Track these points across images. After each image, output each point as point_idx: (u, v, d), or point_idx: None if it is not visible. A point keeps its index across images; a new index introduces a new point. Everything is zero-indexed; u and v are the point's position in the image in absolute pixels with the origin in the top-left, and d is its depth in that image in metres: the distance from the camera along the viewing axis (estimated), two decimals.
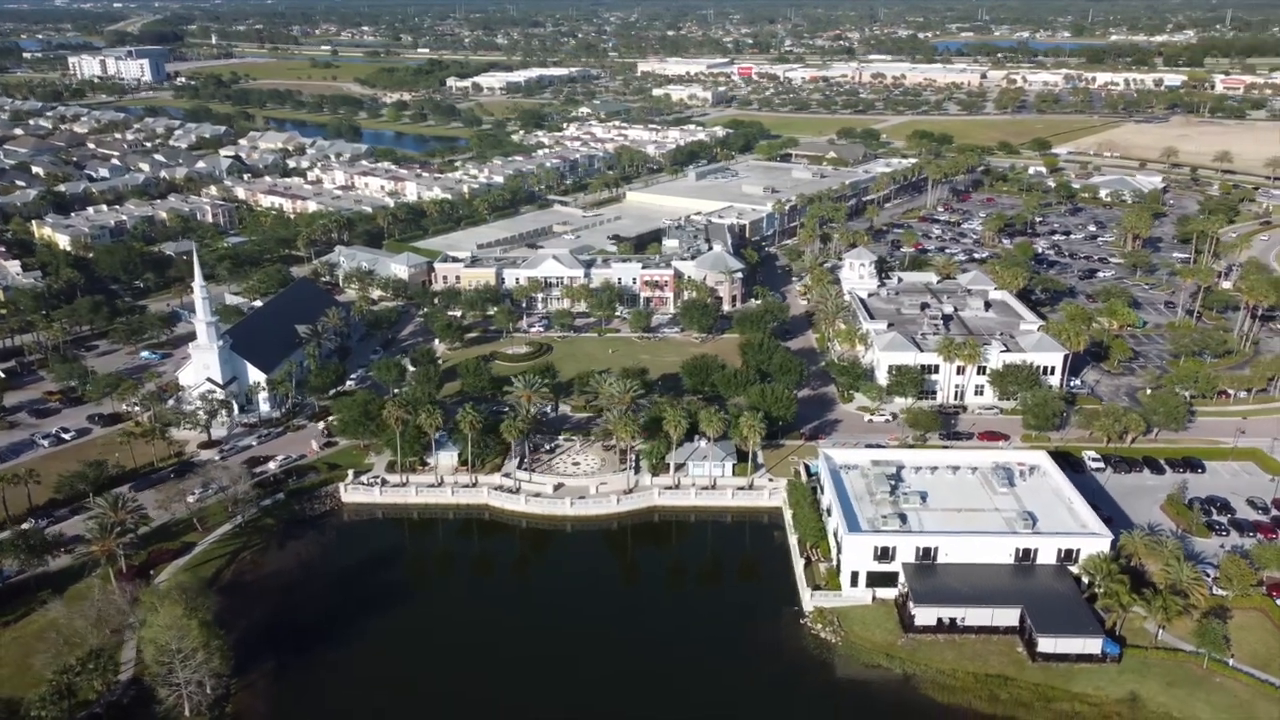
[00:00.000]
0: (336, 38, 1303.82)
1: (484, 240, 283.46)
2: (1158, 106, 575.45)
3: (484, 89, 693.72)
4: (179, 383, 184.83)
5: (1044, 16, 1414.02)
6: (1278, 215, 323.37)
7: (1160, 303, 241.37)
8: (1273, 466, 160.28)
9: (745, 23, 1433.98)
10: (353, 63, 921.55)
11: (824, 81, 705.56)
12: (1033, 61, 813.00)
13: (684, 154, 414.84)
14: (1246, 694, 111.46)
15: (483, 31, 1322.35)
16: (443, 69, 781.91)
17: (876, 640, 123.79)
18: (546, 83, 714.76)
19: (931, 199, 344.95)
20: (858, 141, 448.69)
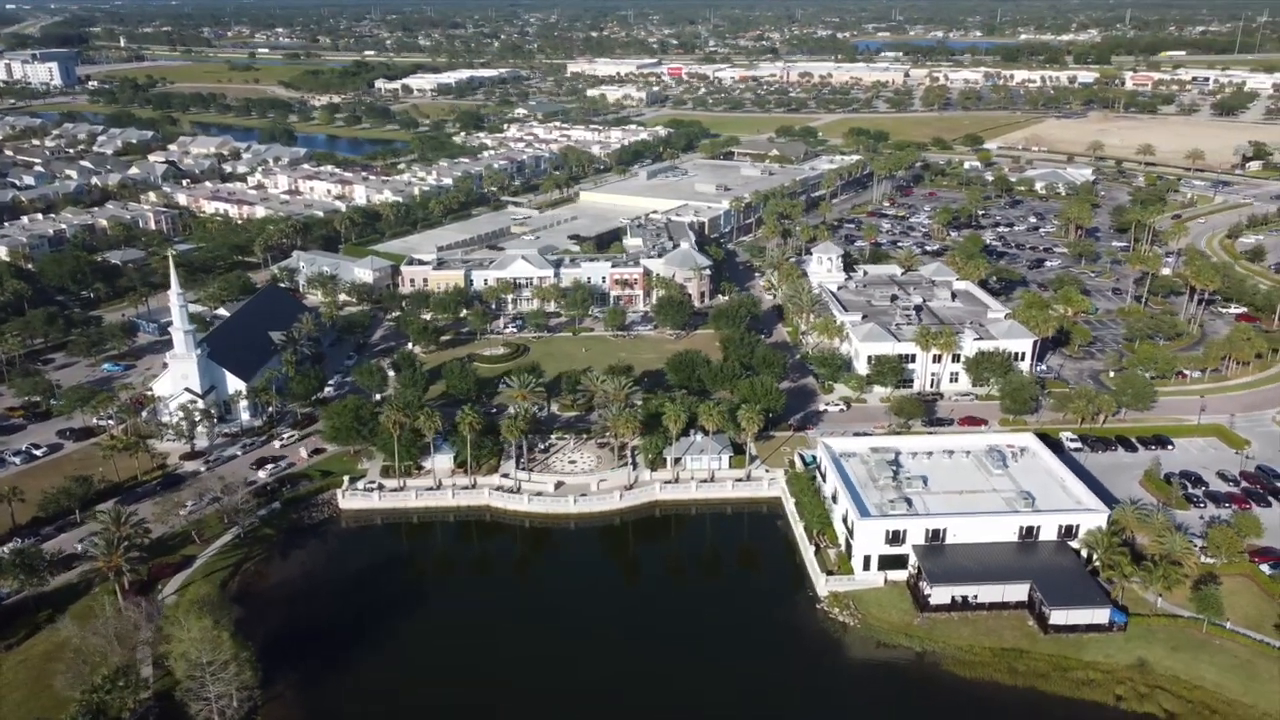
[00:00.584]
0: (251, 40, 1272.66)
1: (443, 243, 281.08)
2: (1074, 103, 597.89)
3: (414, 90, 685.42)
4: (154, 394, 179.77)
5: (954, 16, 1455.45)
6: (1203, 204, 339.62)
7: (1107, 290, 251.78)
8: (1235, 441, 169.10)
9: (666, 23, 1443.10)
10: (272, 65, 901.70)
11: (754, 81, 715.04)
12: (951, 60, 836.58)
13: (629, 153, 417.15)
14: (1246, 654, 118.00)
15: (403, 33, 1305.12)
16: (369, 71, 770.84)
17: (893, 621, 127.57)
18: (476, 84, 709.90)
19: (877, 194, 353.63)
20: (797, 139, 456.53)
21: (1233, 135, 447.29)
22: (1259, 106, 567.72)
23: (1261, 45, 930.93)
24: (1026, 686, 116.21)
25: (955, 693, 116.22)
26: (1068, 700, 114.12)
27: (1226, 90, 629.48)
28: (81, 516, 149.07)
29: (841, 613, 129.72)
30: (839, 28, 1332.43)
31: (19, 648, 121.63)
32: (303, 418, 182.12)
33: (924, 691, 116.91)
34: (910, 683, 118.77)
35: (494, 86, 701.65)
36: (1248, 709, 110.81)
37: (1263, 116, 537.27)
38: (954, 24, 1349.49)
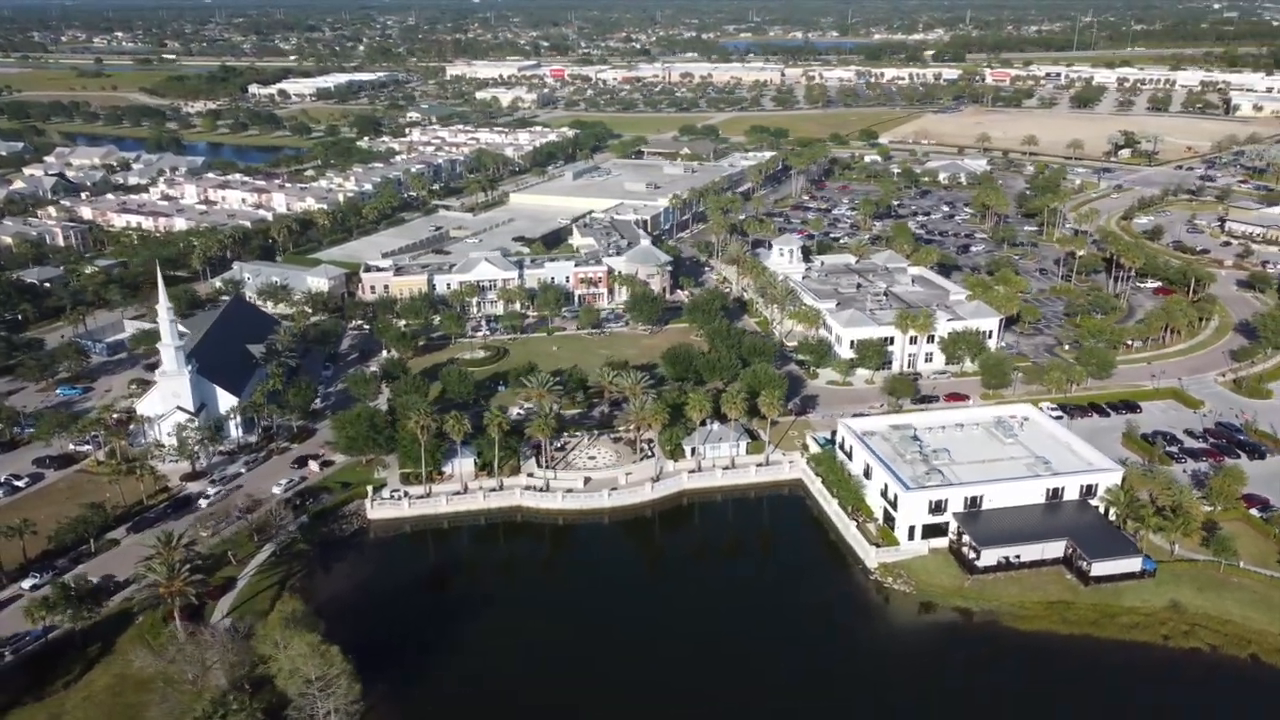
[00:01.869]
0: (90, 45, 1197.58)
1: (385, 249, 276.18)
2: (945, 98, 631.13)
3: (291, 95, 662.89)
4: (138, 414, 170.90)
5: (808, 18, 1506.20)
6: (1089, 189, 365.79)
7: (1034, 271, 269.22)
8: (1191, 402, 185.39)
9: (529, 25, 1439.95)
10: (123, 71, 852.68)
11: (638, 81, 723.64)
12: (820, 59, 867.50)
13: (543, 154, 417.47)
14: (1262, 589, 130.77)
15: (257, 36, 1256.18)
16: (237, 75, 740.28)
17: (945, 585, 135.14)
18: (357, 88, 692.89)
19: (796, 188, 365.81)
20: (701, 138, 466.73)
21: (1098, 126, 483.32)
22: (1110, 99, 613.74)
23: (1095, 43, 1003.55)
24: (1081, 634, 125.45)
25: (1018, 645, 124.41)
26: (1121, 643, 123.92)
27: (1077, 85, 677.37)
28: (96, 546, 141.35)
29: (894, 581, 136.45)
30: (700, 29, 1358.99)
31: (78, 684, 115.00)
32: (299, 431, 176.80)
33: (990, 645, 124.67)
34: (976, 639, 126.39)
35: (375, 90, 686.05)
36: (1274, 636, 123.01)
37: (1116, 108, 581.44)
38: (810, 25, 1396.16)
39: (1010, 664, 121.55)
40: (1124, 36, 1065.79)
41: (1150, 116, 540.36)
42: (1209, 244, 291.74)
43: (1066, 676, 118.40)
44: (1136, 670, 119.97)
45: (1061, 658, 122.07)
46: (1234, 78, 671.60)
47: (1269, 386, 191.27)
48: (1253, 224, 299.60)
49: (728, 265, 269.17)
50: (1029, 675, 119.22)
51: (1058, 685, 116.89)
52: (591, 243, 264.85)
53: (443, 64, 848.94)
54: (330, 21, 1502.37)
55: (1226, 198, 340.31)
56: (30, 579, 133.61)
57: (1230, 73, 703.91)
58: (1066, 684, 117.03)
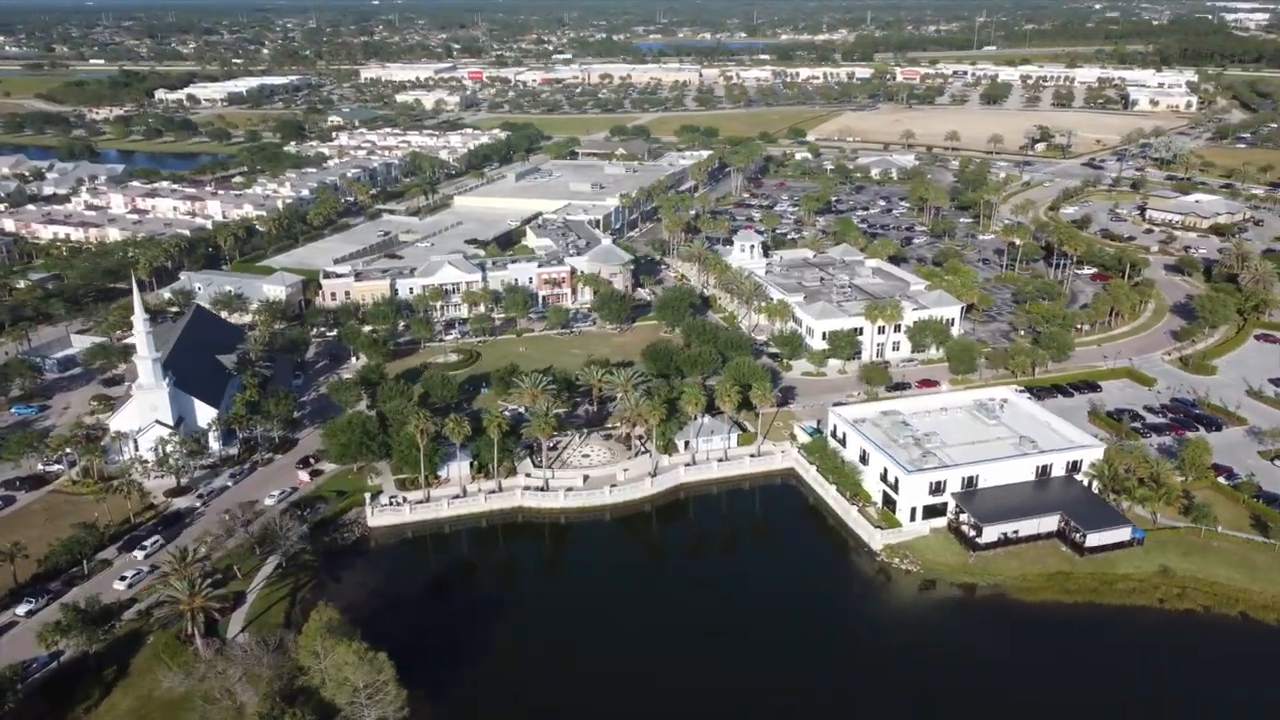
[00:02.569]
0: None
1: (335, 254, 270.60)
2: (861, 96, 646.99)
3: (202, 100, 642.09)
4: (112, 430, 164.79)
5: (714, 19, 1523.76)
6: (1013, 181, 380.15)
7: (976, 261, 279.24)
8: (1145, 380, 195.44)
9: (435, 27, 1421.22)
10: (12, 76, 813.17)
11: (557, 83, 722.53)
12: (734, 59, 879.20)
13: (478, 157, 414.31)
14: (1241, 551, 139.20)
15: (152, 40, 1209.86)
16: (140, 80, 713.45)
17: (950, 562, 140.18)
18: (269, 91, 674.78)
19: (736, 186, 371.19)
20: (633, 138, 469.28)
21: (1012, 121, 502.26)
22: (1016, 96, 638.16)
23: (994, 42, 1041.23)
24: (1085, 602, 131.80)
25: (1028, 615, 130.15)
26: (1121, 608, 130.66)
27: (984, 82, 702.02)
28: (89, 568, 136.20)
29: (901, 561, 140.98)
30: (609, 30, 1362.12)
31: (98, 709, 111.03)
32: (280, 441, 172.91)
33: (1002, 617, 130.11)
34: (988, 612, 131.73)
35: (290, 94, 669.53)
36: (1258, 594, 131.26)
37: (1023, 104, 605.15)
38: (717, 26, 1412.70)
39: (1024, 633, 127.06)
40: (1019, 36, 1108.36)
41: (1056, 112, 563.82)
42: (1133, 231, 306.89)
43: (1078, 642, 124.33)
44: (1139, 632, 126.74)
45: (1069, 625, 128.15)
46: (1126, 74, 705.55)
47: (1213, 363, 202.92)
48: (1171, 211, 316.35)
49: (684, 263, 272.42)
50: (1044, 643, 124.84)
51: (1072, 651, 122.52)
52: (549, 243, 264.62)
53: (355, 67, 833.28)
54: (227, 24, 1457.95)
55: (1142, 187, 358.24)
56: (25, 604, 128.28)
57: (1122, 69, 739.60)
58: (1079, 649, 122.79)
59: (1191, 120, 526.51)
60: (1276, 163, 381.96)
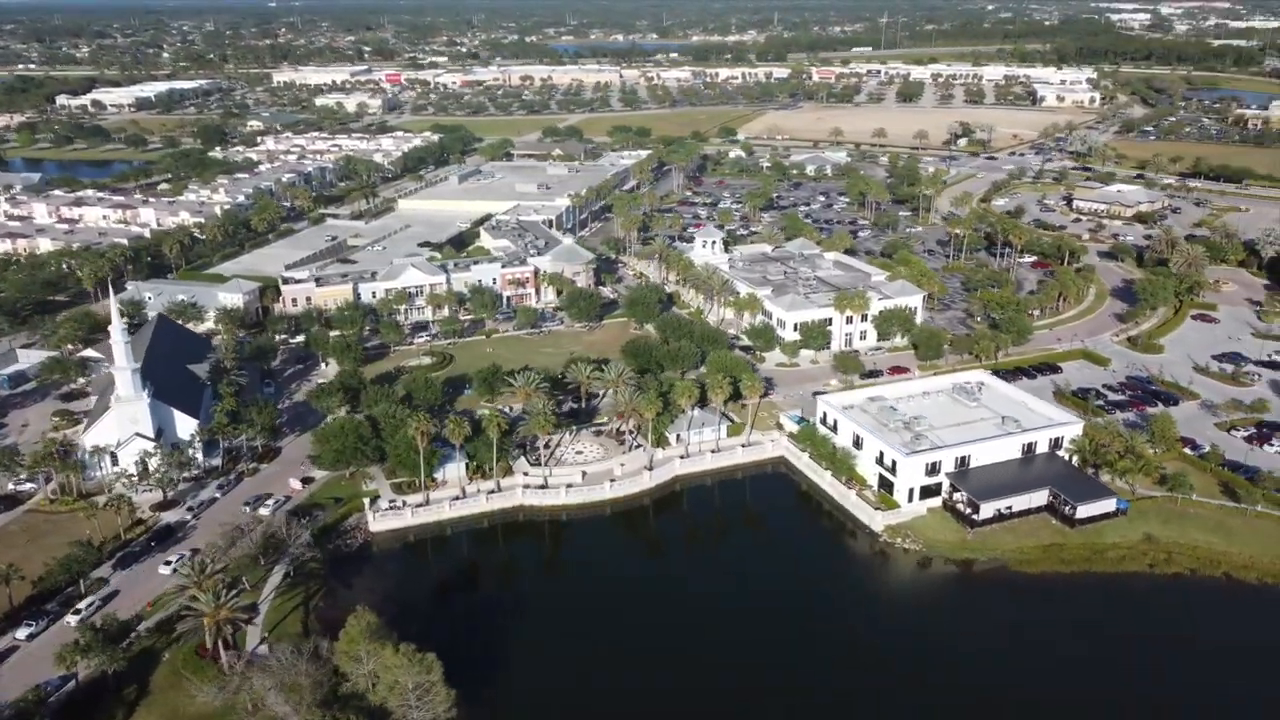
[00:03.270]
0: None
1: (286, 260, 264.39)
2: (782, 95, 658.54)
3: (109, 106, 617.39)
4: (87, 445, 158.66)
5: (622, 20, 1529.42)
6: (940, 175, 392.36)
7: (921, 252, 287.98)
8: (1099, 360, 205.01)
9: (340, 30, 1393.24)
10: None
11: (478, 85, 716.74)
12: (651, 61, 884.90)
13: (413, 159, 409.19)
14: (1215, 516, 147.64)
15: (39, 44, 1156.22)
16: (38, 86, 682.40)
17: (950, 540, 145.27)
18: (179, 96, 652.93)
19: (677, 185, 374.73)
20: (566, 139, 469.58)
21: (931, 118, 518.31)
22: (929, 94, 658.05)
23: (900, 42, 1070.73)
24: (1081, 571, 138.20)
25: (1029, 586, 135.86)
26: (1115, 574, 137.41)
27: (896, 81, 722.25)
28: (85, 587, 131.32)
29: (903, 541, 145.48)
30: (519, 31, 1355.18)
31: None
32: (263, 450, 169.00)
33: (1007, 588, 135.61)
34: (991, 585, 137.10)
35: (202, 99, 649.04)
36: (1237, 556, 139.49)
37: (937, 102, 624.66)
38: (628, 28, 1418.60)
39: (1029, 603, 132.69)
40: (924, 36, 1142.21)
41: (971, 109, 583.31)
42: (1062, 221, 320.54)
43: (1080, 608, 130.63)
44: (1134, 596, 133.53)
45: (1070, 593, 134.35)
46: (1031, 72, 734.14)
47: (1159, 342, 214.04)
48: (1096, 201, 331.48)
49: (641, 261, 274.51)
50: (1049, 611, 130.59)
51: (1076, 616, 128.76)
52: (506, 244, 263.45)
53: (267, 70, 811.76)
54: (119, 27, 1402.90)
55: (1064, 179, 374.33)
56: (24, 628, 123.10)
57: (1024, 67, 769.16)
58: (1083, 615, 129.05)
59: (1098, 115, 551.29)
60: (1184, 154, 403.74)
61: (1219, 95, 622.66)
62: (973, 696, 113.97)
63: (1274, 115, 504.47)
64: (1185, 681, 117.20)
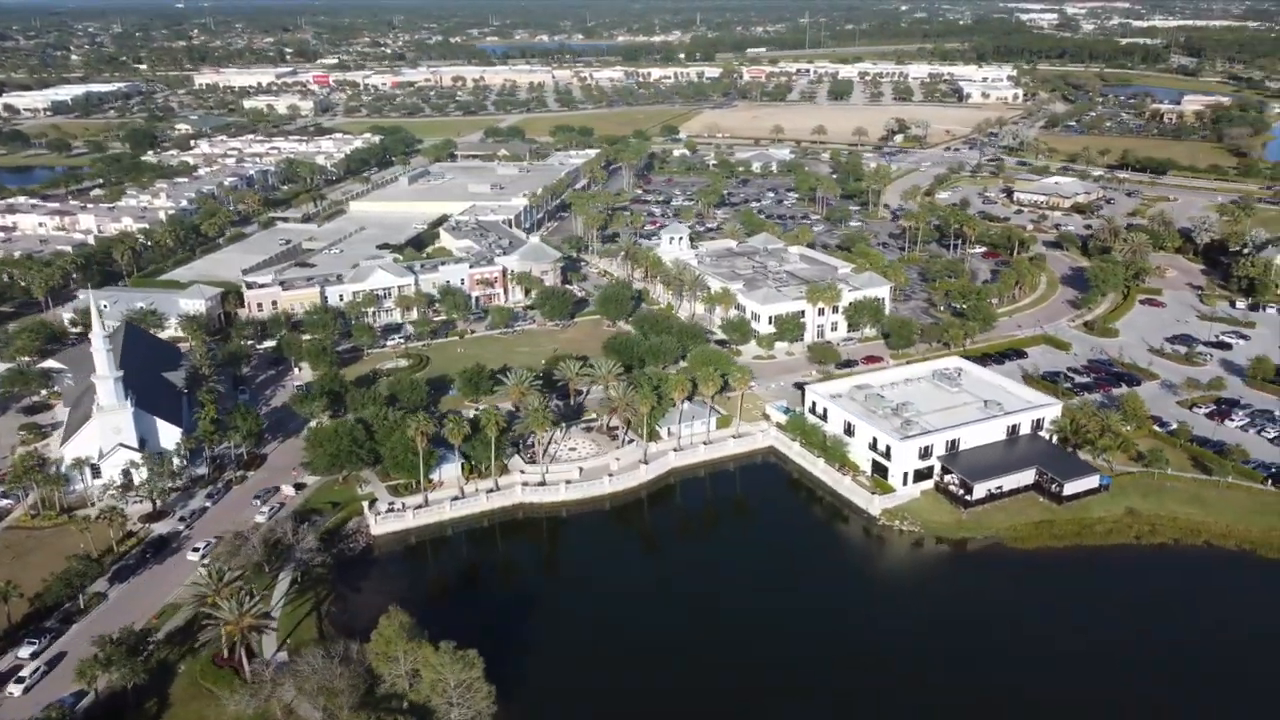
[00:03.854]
0: None
1: (240, 265, 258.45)
2: (715, 94, 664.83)
3: (22, 110, 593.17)
4: (65, 457, 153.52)
5: (545, 20, 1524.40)
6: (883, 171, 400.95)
7: (876, 245, 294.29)
8: (1061, 345, 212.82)
9: (256, 31, 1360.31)
10: None
11: (409, 86, 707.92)
12: (581, 61, 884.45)
13: (356, 161, 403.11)
14: (1190, 489, 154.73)
15: None
16: None
17: (945, 521, 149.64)
18: (97, 99, 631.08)
19: (627, 183, 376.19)
20: (508, 139, 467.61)
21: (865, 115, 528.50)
22: (859, 92, 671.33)
23: (823, 42, 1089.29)
24: (1072, 545, 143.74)
25: (1026, 561, 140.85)
26: (1106, 546, 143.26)
27: (825, 80, 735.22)
28: (85, 602, 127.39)
29: (900, 523, 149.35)
30: (441, 32, 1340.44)
31: None
32: (249, 457, 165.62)
33: (1005, 564, 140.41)
34: (989, 562, 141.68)
35: (123, 102, 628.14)
36: (1214, 525, 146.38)
37: (868, 100, 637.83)
38: (552, 28, 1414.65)
39: (1028, 577, 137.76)
40: (845, 35, 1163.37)
41: (901, 106, 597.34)
42: (1005, 213, 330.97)
43: (1076, 581, 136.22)
44: (1125, 567, 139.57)
45: (1065, 566, 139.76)
46: (953, 70, 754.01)
47: (1114, 326, 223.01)
48: (1035, 193, 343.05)
49: (603, 259, 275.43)
50: (1047, 583, 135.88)
51: (1073, 588, 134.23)
52: (470, 244, 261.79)
53: (187, 73, 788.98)
54: (19, 30, 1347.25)
55: (1001, 172, 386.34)
56: (27, 646, 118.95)
57: (946, 65, 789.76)
58: (1079, 587, 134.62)
59: (1024, 111, 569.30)
60: (1109, 147, 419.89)
61: (1133, 91, 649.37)
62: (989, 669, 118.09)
63: (1188, 110, 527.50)
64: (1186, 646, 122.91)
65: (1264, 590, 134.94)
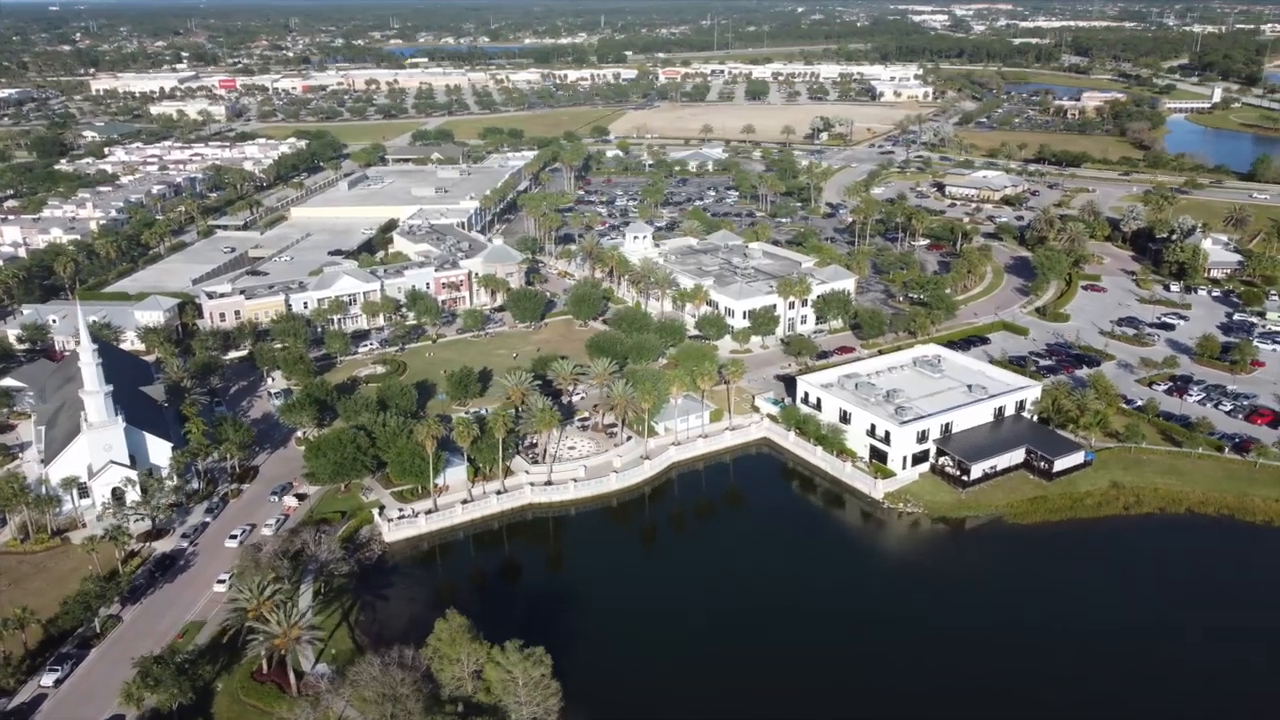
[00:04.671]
0: None
1: (190, 275, 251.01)
2: (635, 95, 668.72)
3: None
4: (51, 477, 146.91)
5: (445, 23, 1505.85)
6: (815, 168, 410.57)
7: (825, 239, 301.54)
8: (1019, 330, 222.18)
9: (145, 34, 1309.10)
10: None
11: (322, 90, 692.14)
12: (494, 63, 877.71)
13: (285, 167, 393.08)
14: (1165, 460, 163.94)
15: None
16: None
17: (946, 501, 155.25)
18: None
19: (569, 184, 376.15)
20: (437, 142, 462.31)
21: (787, 114, 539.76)
22: (775, 92, 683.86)
23: (732, 44, 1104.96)
24: (1067, 518, 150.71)
25: (1028, 536, 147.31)
26: (1099, 518, 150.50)
27: (739, 80, 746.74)
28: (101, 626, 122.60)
29: (904, 505, 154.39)
30: (340, 35, 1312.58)
31: None
32: (241, 470, 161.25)
33: (1009, 539, 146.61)
34: (994, 537, 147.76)
35: (14, 108, 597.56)
36: (1193, 494, 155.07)
37: (785, 99, 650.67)
38: (455, 31, 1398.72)
39: (1032, 550, 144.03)
40: (751, 37, 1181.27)
41: (817, 105, 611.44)
42: (939, 206, 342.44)
43: (1078, 552, 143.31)
44: (1120, 536, 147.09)
45: (1066, 539, 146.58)
46: (863, 70, 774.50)
47: (1064, 311, 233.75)
48: (966, 187, 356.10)
49: (562, 259, 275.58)
50: (1052, 555, 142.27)
51: (1076, 559, 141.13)
52: (428, 248, 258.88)
53: (79, 78, 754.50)
54: None
55: (928, 168, 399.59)
56: (50, 673, 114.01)
57: (853, 65, 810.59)
58: (1081, 558, 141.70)
59: (936, 109, 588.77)
60: (1022, 142, 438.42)
61: (1034, 89, 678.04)
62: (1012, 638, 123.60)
63: (1089, 106, 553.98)
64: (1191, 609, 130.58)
65: (1251, 552, 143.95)
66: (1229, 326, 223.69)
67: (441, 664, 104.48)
